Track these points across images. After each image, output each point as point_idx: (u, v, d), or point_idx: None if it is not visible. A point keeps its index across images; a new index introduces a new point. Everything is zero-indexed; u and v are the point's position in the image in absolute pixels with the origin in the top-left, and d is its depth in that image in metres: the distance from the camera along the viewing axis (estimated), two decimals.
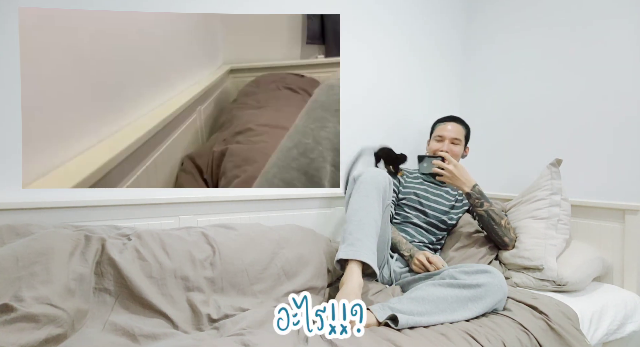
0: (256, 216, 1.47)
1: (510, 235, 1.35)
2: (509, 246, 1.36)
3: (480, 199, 1.31)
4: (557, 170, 1.40)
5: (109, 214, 1.21)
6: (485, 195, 1.32)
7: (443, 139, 1.51)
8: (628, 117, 1.42)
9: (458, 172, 1.30)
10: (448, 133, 1.51)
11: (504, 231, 1.33)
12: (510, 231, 1.35)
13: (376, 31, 1.78)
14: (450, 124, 1.54)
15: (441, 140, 1.52)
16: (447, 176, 1.31)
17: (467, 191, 1.31)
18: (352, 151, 1.70)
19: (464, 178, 1.31)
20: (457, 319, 0.95)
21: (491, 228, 1.34)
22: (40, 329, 0.74)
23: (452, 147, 1.50)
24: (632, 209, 1.36)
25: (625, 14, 1.43)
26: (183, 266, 1.00)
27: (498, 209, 1.35)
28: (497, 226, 1.32)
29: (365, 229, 1.04)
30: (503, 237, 1.34)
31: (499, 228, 1.33)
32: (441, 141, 1.52)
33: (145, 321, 0.89)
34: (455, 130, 1.51)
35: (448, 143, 1.50)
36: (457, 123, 1.54)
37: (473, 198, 1.31)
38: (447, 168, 1.31)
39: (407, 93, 1.90)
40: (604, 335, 1.16)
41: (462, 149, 1.53)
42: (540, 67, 1.70)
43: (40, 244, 0.88)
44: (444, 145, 1.49)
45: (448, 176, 1.31)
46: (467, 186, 1.31)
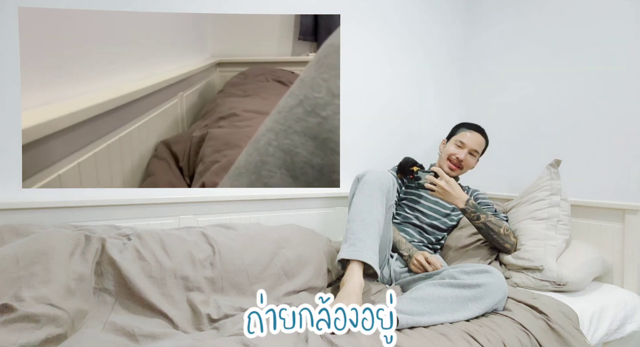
0: (256, 215, 1.47)
1: (510, 240, 1.34)
2: (510, 251, 1.35)
3: (476, 212, 1.28)
4: (556, 170, 1.40)
5: (109, 214, 1.21)
6: (479, 207, 1.30)
7: (463, 147, 1.47)
8: (628, 117, 1.42)
9: (450, 188, 1.27)
10: (471, 143, 1.47)
11: (504, 238, 1.32)
12: (510, 236, 1.34)
13: (376, 30, 1.78)
14: (476, 134, 1.49)
15: (461, 147, 1.47)
16: (439, 192, 1.28)
17: (462, 206, 1.28)
18: (352, 149, 1.71)
19: (456, 193, 1.28)
20: (457, 319, 0.95)
21: (491, 238, 1.34)
22: (40, 329, 0.74)
23: (468, 158, 1.47)
24: (632, 209, 1.36)
25: (625, 14, 1.43)
26: (183, 266, 1.00)
27: (496, 218, 1.32)
28: (497, 235, 1.32)
29: (367, 229, 1.04)
30: (504, 244, 1.34)
31: (499, 237, 1.32)
32: (461, 148, 1.47)
33: (145, 321, 0.89)
34: (478, 142, 1.48)
35: (467, 152, 1.46)
36: (481, 135, 1.51)
37: (468, 213, 1.29)
38: (439, 184, 1.27)
39: (405, 95, 1.90)
40: (604, 335, 1.16)
41: (476, 161, 1.51)
42: (539, 70, 1.70)
43: (40, 244, 0.88)
44: (462, 154, 1.45)
45: (440, 191, 1.28)
46: (461, 201, 1.28)
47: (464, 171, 1.50)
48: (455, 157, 1.46)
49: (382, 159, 1.80)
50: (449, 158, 1.48)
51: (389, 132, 1.84)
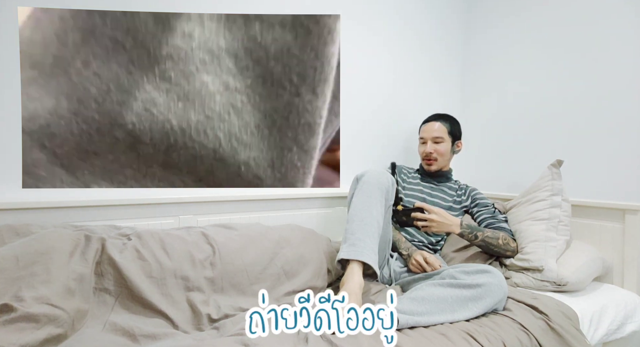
0: (256, 215, 1.47)
1: (510, 247, 1.33)
2: (513, 256, 1.35)
3: (472, 232, 1.28)
4: (557, 171, 1.40)
5: (109, 214, 1.21)
6: (474, 226, 1.29)
7: (425, 140, 1.52)
8: (628, 117, 1.42)
9: (442, 218, 1.23)
10: (428, 133, 1.52)
11: (504, 247, 1.32)
12: (509, 243, 1.33)
13: (376, 29, 1.78)
14: (430, 123, 1.54)
15: (424, 141, 1.53)
16: (432, 226, 1.24)
17: (458, 232, 1.26)
18: (352, 148, 1.71)
19: (449, 221, 1.24)
20: (457, 319, 0.95)
21: (493, 252, 1.34)
22: (40, 329, 0.74)
23: (436, 147, 1.50)
24: (632, 209, 1.36)
25: (625, 14, 1.43)
26: (183, 266, 1.00)
27: (492, 232, 1.31)
28: (497, 247, 1.31)
29: (367, 229, 1.04)
30: (505, 253, 1.34)
31: (499, 248, 1.32)
32: (424, 143, 1.53)
33: (145, 321, 0.89)
34: (436, 129, 1.51)
35: (430, 143, 1.50)
36: (437, 121, 1.53)
37: (466, 236, 1.28)
38: (428, 218, 1.23)
39: (405, 94, 1.90)
40: (604, 335, 1.16)
41: (448, 145, 1.52)
42: (539, 69, 1.70)
43: (40, 244, 0.88)
44: (427, 146, 1.50)
45: (433, 225, 1.24)
46: (456, 226, 1.25)
47: (445, 159, 1.52)
48: (424, 153, 1.52)
49: (382, 159, 1.80)
50: (422, 158, 1.55)
51: (388, 132, 1.84)
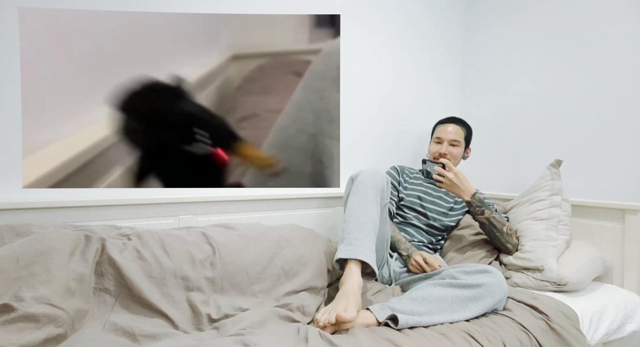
0: (256, 215, 1.47)
1: (512, 241, 1.34)
2: (512, 251, 1.35)
3: (481, 207, 1.29)
4: (557, 171, 1.40)
5: (109, 214, 1.21)
6: (485, 202, 1.30)
7: (442, 141, 1.51)
8: (628, 117, 1.42)
9: (458, 180, 1.28)
10: (446, 135, 1.51)
11: (506, 237, 1.32)
12: (512, 236, 1.34)
13: (376, 29, 1.78)
14: (450, 125, 1.54)
15: (440, 142, 1.52)
16: (446, 184, 1.29)
17: (467, 199, 1.29)
18: (351, 148, 1.71)
19: (463, 186, 1.28)
20: (457, 319, 0.94)
21: (493, 235, 1.34)
22: (40, 329, 0.74)
23: (451, 149, 1.50)
24: (632, 209, 1.36)
25: (625, 14, 1.43)
26: (183, 266, 1.00)
27: (499, 216, 1.33)
28: (499, 233, 1.31)
29: (363, 228, 1.04)
30: (506, 244, 1.34)
31: (501, 235, 1.32)
32: (440, 143, 1.52)
33: (145, 321, 0.89)
34: (454, 132, 1.51)
35: (447, 145, 1.50)
36: (456, 124, 1.54)
37: (474, 206, 1.29)
38: (446, 175, 1.28)
39: (405, 94, 1.90)
40: (604, 335, 1.16)
41: (461, 150, 1.53)
42: (540, 69, 1.70)
43: (40, 244, 0.88)
44: (443, 147, 1.49)
45: (447, 183, 1.29)
46: (467, 194, 1.29)
47: (455, 163, 1.52)
48: (438, 153, 1.51)
49: (382, 158, 1.80)
50: (433, 157, 1.54)
51: (388, 132, 1.84)
